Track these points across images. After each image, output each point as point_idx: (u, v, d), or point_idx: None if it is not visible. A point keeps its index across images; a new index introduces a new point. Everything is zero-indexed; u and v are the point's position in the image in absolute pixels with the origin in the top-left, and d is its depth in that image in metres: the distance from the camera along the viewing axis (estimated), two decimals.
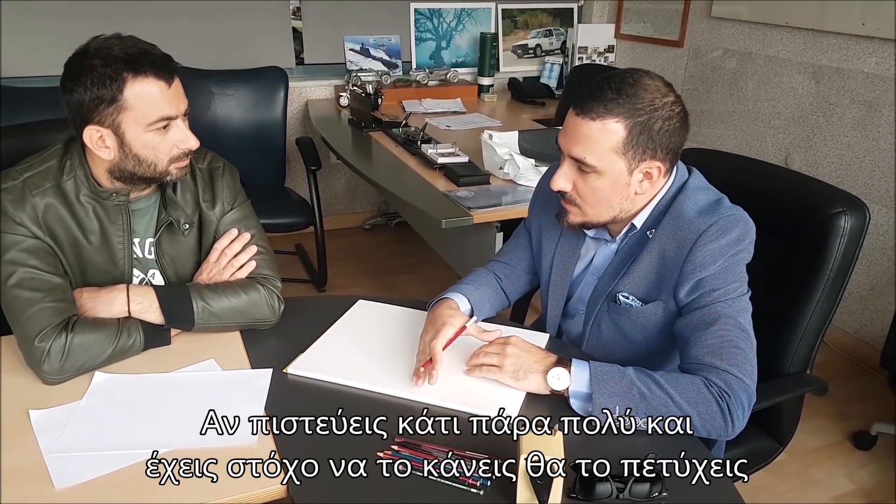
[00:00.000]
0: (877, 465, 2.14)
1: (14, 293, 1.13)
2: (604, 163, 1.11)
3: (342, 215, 3.75)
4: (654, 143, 1.10)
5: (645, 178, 1.14)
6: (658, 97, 1.09)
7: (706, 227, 1.11)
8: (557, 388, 1.08)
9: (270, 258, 1.35)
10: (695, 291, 1.13)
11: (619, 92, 1.08)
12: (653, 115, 1.08)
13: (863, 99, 2.57)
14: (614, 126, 1.09)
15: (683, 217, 1.14)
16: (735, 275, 1.12)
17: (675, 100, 1.11)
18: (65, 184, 1.19)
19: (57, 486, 0.91)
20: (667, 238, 1.15)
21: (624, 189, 1.14)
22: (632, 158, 1.11)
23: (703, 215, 1.13)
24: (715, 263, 1.11)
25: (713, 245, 1.10)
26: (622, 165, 1.11)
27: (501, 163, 2.23)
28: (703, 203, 1.15)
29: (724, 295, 1.10)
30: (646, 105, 1.08)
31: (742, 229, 1.12)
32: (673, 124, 1.10)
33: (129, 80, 1.10)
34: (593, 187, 1.14)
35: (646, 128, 1.09)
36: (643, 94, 1.08)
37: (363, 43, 3.51)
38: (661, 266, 1.17)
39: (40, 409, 1.05)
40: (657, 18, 3.48)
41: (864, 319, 2.68)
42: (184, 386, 1.12)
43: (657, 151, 1.11)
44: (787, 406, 1.41)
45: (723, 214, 1.12)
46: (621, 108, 1.08)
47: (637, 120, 1.08)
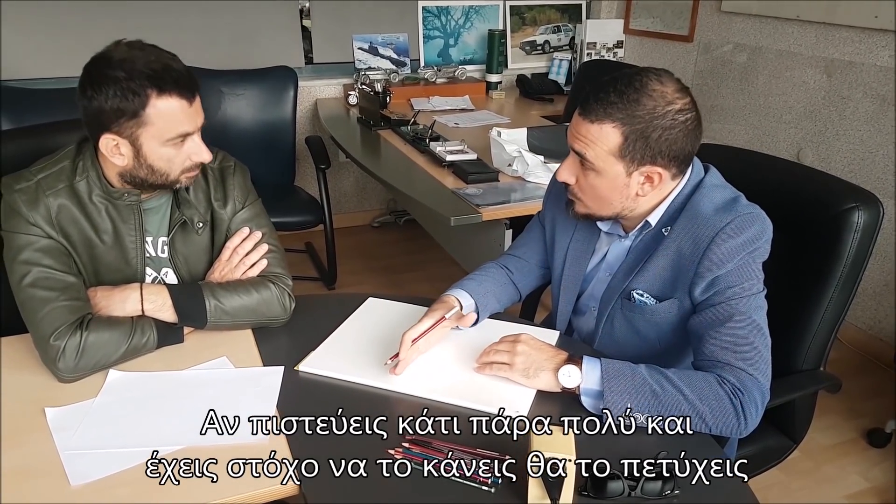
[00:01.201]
0: (891, 462, 2.12)
1: (29, 292, 1.14)
2: (601, 163, 1.11)
3: (351, 213, 3.76)
4: (651, 150, 1.09)
5: (646, 181, 1.13)
6: (661, 105, 1.07)
7: (723, 225, 1.10)
8: (568, 385, 1.07)
9: (281, 256, 1.36)
10: (710, 289, 1.12)
11: (622, 96, 1.08)
12: (651, 123, 1.07)
13: (875, 93, 2.55)
14: (611, 131, 1.09)
15: (700, 215, 1.13)
16: (751, 273, 1.11)
17: (681, 108, 1.09)
18: (77, 184, 1.20)
19: (73, 483, 0.92)
20: (683, 236, 1.15)
21: (623, 190, 1.14)
22: (629, 162, 1.11)
23: (720, 213, 1.12)
24: (731, 261, 1.10)
25: (730, 243, 1.10)
26: (620, 168, 1.11)
27: (510, 160, 2.22)
28: (719, 201, 1.14)
29: (739, 292, 1.10)
30: (645, 113, 1.07)
31: (759, 228, 1.11)
32: (674, 133, 1.08)
33: (152, 98, 1.11)
34: (592, 184, 1.15)
35: (642, 136, 1.08)
36: (645, 101, 1.07)
37: (371, 41, 3.52)
38: (676, 264, 1.16)
39: (56, 406, 1.06)
40: (666, 13, 3.46)
41: (878, 315, 2.66)
42: (197, 384, 1.13)
43: (656, 158, 1.10)
44: (800, 403, 1.40)
45: (740, 212, 1.11)
46: (620, 113, 1.07)
47: (634, 127, 1.08)
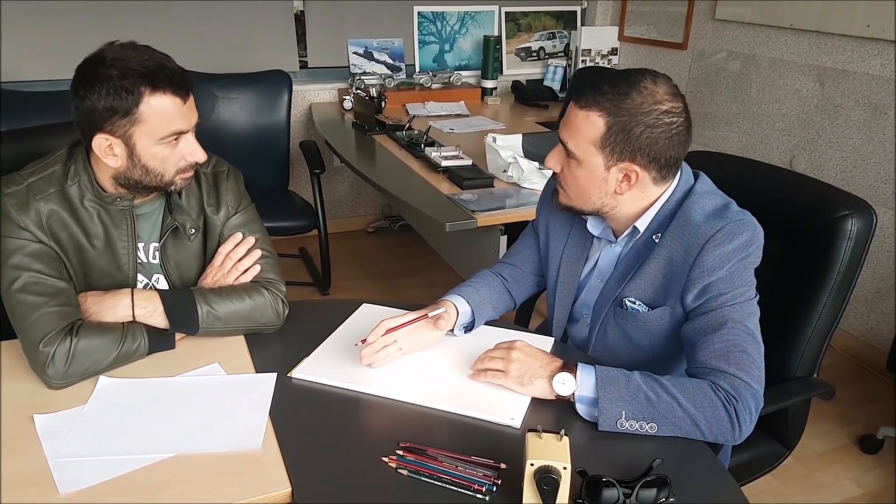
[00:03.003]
0: (883, 468, 2.13)
1: (18, 297, 1.13)
2: (582, 152, 1.13)
3: (346, 219, 3.75)
4: (631, 146, 1.10)
5: (624, 179, 1.14)
6: (648, 102, 1.08)
7: (714, 232, 1.10)
8: (563, 393, 1.07)
9: (275, 262, 1.35)
10: (702, 296, 1.12)
11: (614, 87, 1.09)
12: (635, 118, 1.08)
13: (868, 101, 2.57)
14: (596, 119, 1.10)
15: (691, 222, 1.14)
16: (743, 279, 1.11)
17: (668, 109, 1.09)
18: (69, 188, 1.19)
19: (61, 491, 0.91)
20: (674, 243, 1.15)
21: (601, 184, 1.15)
22: (609, 156, 1.12)
23: (711, 220, 1.12)
24: (723, 268, 1.10)
25: (721, 250, 1.10)
26: (599, 160, 1.12)
27: (505, 166, 2.22)
28: (710, 208, 1.14)
29: (731, 299, 1.10)
30: (631, 107, 1.08)
31: (750, 234, 1.11)
32: (656, 133, 1.09)
33: (146, 95, 1.10)
34: (574, 175, 1.16)
35: (624, 129, 1.09)
36: (634, 96, 1.08)
37: (367, 46, 3.52)
38: (668, 271, 1.16)
39: (45, 413, 1.05)
40: (661, 21, 3.48)
41: (870, 322, 2.67)
42: (188, 390, 1.12)
43: (636, 155, 1.11)
44: (793, 410, 1.40)
45: (730, 219, 1.11)
46: (608, 103, 1.09)
47: (617, 119, 1.09)
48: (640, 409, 1.02)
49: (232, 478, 0.94)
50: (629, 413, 1.02)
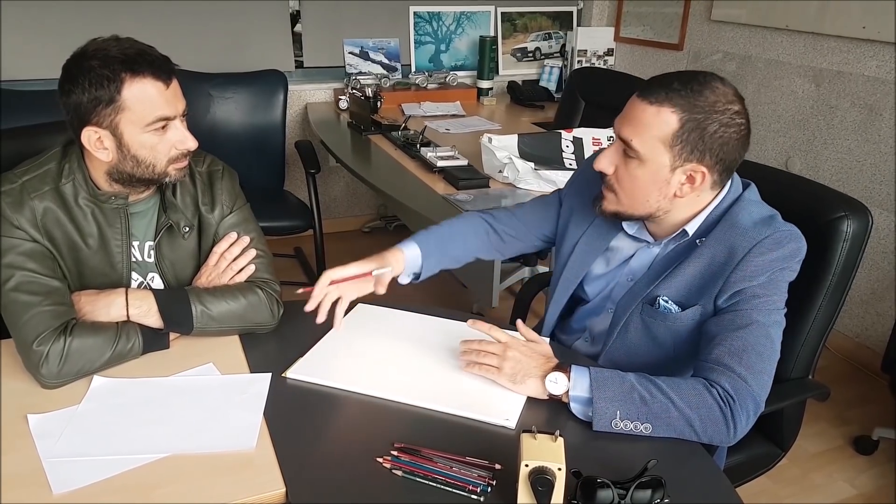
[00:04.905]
0: (878, 469, 2.14)
1: (12, 297, 1.12)
2: (648, 150, 1.10)
3: (341, 219, 3.74)
4: (703, 144, 1.08)
5: (687, 180, 1.12)
6: (722, 101, 1.07)
7: (762, 238, 1.10)
8: (555, 392, 1.07)
9: (269, 261, 1.35)
10: (735, 297, 1.11)
11: (685, 85, 1.07)
12: (711, 115, 1.07)
13: (863, 102, 2.57)
14: (669, 116, 1.07)
15: (738, 226, 1.13)
16: (777, 288, 1.11)
17: (739, 110, 1.09)
18: (63, 187, 1.19)
19: (55, 492, 0.90)
20: (718, 245, 1.14)
21: (663, 186, 1.12)
22: (678, 155, 1.09)
23: (759, 226, 1.11)
24: (763, 275, 1.09)
25: (766, 256, 1.09)
26: (666, 159, 1.10)
27: (501, 166, 2.22)
28: (758, 216, 1.14)
29: (762, 304, 1.09)
30: (707, 105, 1.07)
31: (795, 246, 1.11)
32: (729, 133, 1.08)
33: (126, 81, 1.10)
34: (633, 175, 1.12)
35: (699, 126, 1.07)
36: (708, 94, 1.07)
37: (362, 46, 3.51)
38: (707, 272, 1.14)
39: (38, 413, 1.04)
40: (657, 22, 3.48)
41: (866, 323, 2.68)
42: (182, 390, 1.11)
43: (705, 155, 1.09)
44: (788, 412, 1.40)
45: (779, 228, 1.11)
46: (682, 100, 1.07)
47: (693, 116, 1.07)
48: (635, 409, 1.02)
49: (226, 478, 0.93)
50: (623, 413, 1.02)
